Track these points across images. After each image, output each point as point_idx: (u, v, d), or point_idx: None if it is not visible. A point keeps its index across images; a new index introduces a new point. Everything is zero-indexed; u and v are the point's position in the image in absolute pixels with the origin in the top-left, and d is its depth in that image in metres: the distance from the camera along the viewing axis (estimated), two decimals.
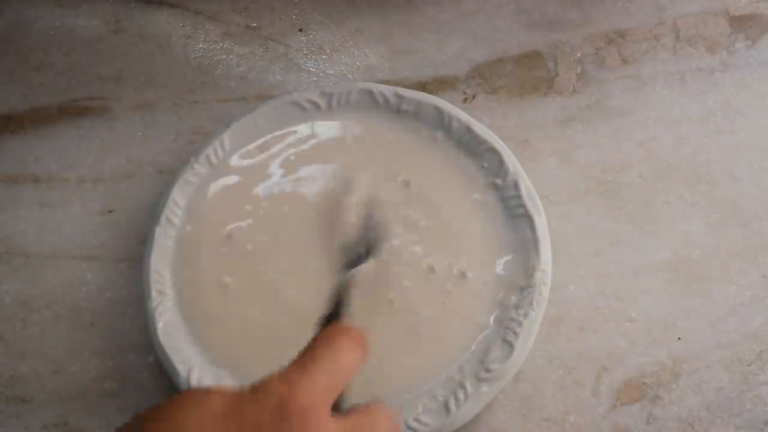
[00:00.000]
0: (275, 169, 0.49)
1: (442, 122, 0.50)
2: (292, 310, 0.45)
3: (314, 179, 0.49)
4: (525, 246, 0.46)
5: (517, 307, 0.44)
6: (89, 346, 0.47)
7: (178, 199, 0.48)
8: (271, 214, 0.48)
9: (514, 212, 0.47)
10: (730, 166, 0.52)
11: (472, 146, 0.49)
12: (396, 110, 0.51)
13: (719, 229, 0.50)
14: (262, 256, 0.46)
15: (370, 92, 0.51)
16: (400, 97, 0.50)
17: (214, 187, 0.49)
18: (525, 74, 0.55)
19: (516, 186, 0.47)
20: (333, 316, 0.35)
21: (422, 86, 0.55)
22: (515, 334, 0.43)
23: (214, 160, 0.49)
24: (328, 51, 0.57)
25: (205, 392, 0.27)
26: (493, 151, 0.49)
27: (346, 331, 0.32)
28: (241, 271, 0.46)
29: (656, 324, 0.47)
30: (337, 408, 0.30)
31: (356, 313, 0.44)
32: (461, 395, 0.42)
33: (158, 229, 0.47)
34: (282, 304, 0.45)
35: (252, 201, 0.48)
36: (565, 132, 0.53)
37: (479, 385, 0.42)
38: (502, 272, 0.46)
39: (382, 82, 0.53)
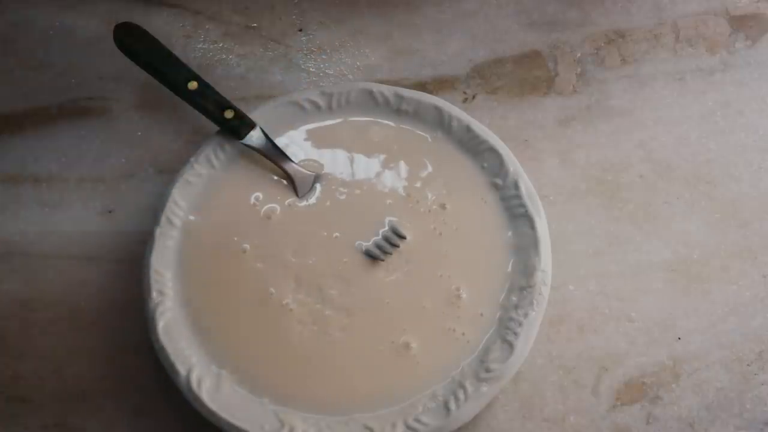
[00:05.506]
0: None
1: (442, 122, 0.50)
2: (291, 311, 0.45)
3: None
4: (525, 246, 0.46)
5: (517, 307, 0.44)
6: (89, 346, 0.47)
7: (178, 199, 0.48)
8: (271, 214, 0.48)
9: (514, 212, 0.47)
10: (730, 166, 0.52)
11: (472, 146, 0.49)
12: (396, 110, 0.51)
13: (719, 229, 0.50)
14: (262, 257, 0.46)
15: (370, 92, 0.51)
16: (400, 97, 0.50)
17: (214, 188, 0.49)
18: (525, 74, 0.55)
19: (516, 186, 0.47)
20: None
21: (422, 86, 0.55)
22: (515, 334, 0.43)
23: (214, 160, 0.49)
24: (328, 51, 0.57)
25: None
26: (493, 151, 0.49)
27: None
28: (242, 271, 0.46)
29: (656, 324, 0.47)
30: None
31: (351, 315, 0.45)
32: (461, 395, 0.42)
33: (158, 229, 0.47)
34: (282, 305, 0.45)
35: (252, 201, 0.48)
36: (565, 132, 0.53)
37: (479, 385, 0.42)
38: (503, 272, 0.46)
39: (382, 82, 0.53)
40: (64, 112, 0.54)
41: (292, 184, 0.49)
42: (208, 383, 0.42)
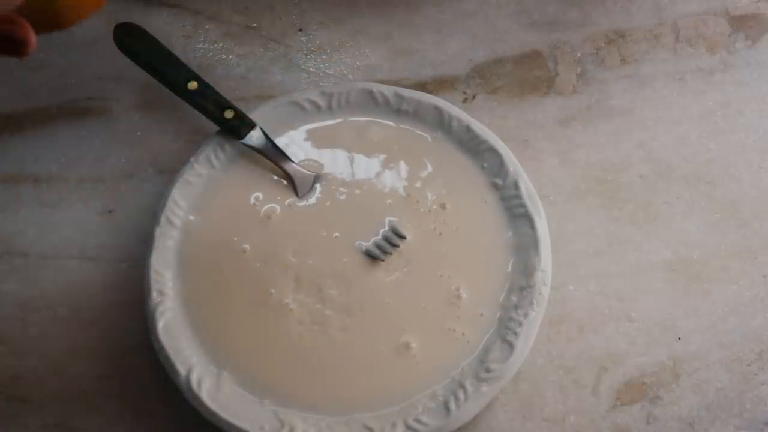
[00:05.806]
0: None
1: (442, 122, 0.50)
2: (291, 311, 0.45)
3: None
4: (525, 246, 0.46)
5: (517, 307, 0.44)
6: (89, 346, 0.47)
7: (178, 199, 0.48)
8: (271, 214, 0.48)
9: (514, 212, 0.47)
10: (730, 166, 0.52)
11: (472, 146, 0.49)
12: (396, 110, 0.51)
13: (719, 229, 0.50)
14: (262, 257, 0.46)
15: (370, 92, 0.51)
16: (400, 97, 0.50)
17: (214, 188, 0.49)
18: (525, 74, 0.55)
19: (516, 186, 0.47)
20: None
21: (422, 86, 0.55)
22: (515, 334, 0.43)
23: (214, 160, 0.49)
24: (328, 51, 0.57)
25: None
26: (493, 151, 0.49)
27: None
28: (242, 271, 0.46)
29: (656, 324, 0.47)
30: None
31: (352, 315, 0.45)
32: (461, 395, 0.42)
33: (158, 229, 0.47)
34: (282, 305, 0.45)
35: (252, 201, 0.48)
36: (565, 132, 0.53)
37: (479, 385, 0.42)
38: (503, 272, 0.46)
39: (382, 82, 0.53)
40: (64, 112, 0.54)
41: (292, 184, 0.49)
42: (208, 383, 0.42)
